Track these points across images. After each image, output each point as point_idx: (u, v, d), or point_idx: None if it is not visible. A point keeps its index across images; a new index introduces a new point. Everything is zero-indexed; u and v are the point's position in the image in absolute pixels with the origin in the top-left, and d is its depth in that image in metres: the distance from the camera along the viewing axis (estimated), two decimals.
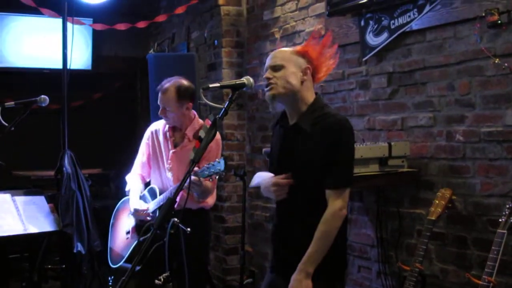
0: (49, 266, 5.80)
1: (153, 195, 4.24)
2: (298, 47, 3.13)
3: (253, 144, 6.17)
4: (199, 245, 4.09)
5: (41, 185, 6.03)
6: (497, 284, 3.21)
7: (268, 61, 3.10)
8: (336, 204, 2.93)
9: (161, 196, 4.14)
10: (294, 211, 3.08)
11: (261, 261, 5.95)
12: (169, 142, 4.28)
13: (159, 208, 4.09)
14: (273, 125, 3.37)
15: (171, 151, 4.24)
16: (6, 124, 4.23)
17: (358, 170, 3.87)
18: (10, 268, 6.00)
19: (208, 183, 4.02)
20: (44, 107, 4.51)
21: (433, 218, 3.65)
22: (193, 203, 4.17)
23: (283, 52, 3.10)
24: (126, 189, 4.41)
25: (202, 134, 2.82)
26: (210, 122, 2.84)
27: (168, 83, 4.20)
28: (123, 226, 4.41)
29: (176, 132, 4.31)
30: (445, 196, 3.72)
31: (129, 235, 4.33)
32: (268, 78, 3.04)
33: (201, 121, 4.36)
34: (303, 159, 3.02)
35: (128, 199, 4.38)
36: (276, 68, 3.03)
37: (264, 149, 4.63)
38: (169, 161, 4.23)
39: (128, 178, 4.46)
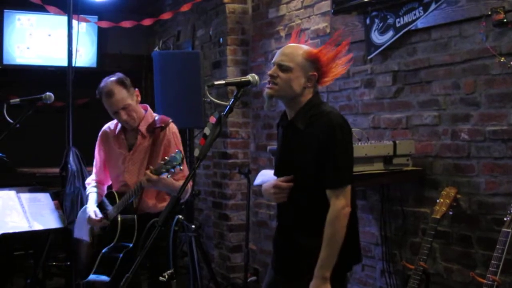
0: (54, 263, 5.81)
1: (112, 200, 4.11)
2: (311, 50, 3.10)
3: (258, 142, 6.16)
4: (162, 252, 3.81)
5: (46, 182, 6.02)
6: (502, 283, 3.21)
7: (277, 57, 3.08)
8: (338, 204, 2.92)
9: (120, 201, 4.01)
10: (294, 211, 3.08)
11: (265, 259, 5.95)
12: (123, 145, 4.14)
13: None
14: (277, 126, 3.37)
15: (126, 154, 4.10)
16: (11, 121, 4.23)
17: (363, 168, 3.87)
18: (14, 264, 6.01)
19: (168, 180, 3.81)
20: (49, 105, 4.51)
21: (438, 216, 3.65)
22: (150, 207, 4.03)
23: (294, 52, 3.07)
24: (86, 195, 4.30)
25: (207, 131, 2.82)
26: (215, 120, 2.84)
27: (108, 85, 3.99)
28: (86, 236, 4.27)
29: (127, 132, 4.15)
30: (450, 195, 3.72)
31: (91, 246, 4.20)
32: (272, 77, 3.04)
33: (154, 114, 4.18)
34: (300, 159, 3.02)
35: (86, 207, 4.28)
36: (283, 68, 3.02)
37: (269, 147, 4.63)
38: (126, 164, 4.10)
39: (87, 183, 4.35)
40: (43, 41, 7.74)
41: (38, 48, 7.74)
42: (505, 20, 3.49)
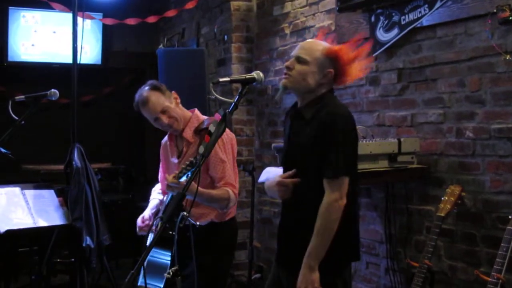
0: (58, 260, 5.80)
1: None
2: (331, 47, 3.08)
3: (262, 139, 6.16)
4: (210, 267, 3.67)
5: (50, 179, 6.05)
6: (506, 281, 3.20)
7: (297, 50, 3.09)
8: (331, 196, 2.89)
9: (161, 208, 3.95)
10: (298, 204, 3.08)
11: (269, 256, 5.95)
12: (174, 152, 3.99)
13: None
14: (285, 114, 3.35)
15: (176, 162, 3.93)
16: (16, 118, 4.24)
17: (367, 166, 3.87)
18: (19, 261, 6.02)
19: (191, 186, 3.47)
20: (54, 101, 4.52)
21: (442, 214, 3.64)
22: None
23: (313, 47, 3.07)
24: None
25: (212, 128, 2.81)
26: (219, 117, 2.83)
27: (142, 93, 3.79)
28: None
29: (177, 138, 3.98)
30: (455, 193, 3.71)
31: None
32: (288, 68, 3.05)
33: (202, 116, 3.96)
34: (302, 148, 3.02)
35: None
36: (300, 60, 3.03)
37: (273, 144, 4.63)
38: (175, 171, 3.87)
39: (153, 190, 4.24)
40: (48, 38, 7.75)
41: (43, 45, 7.75)
42: (510, 18, 3.49)
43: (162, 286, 3.66)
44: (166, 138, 4.12)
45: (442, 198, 3.74)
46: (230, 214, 3.88)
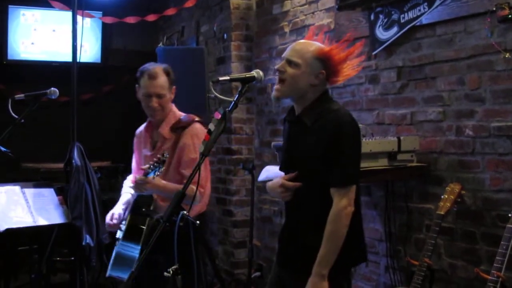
0: (58, 259, 5.80)
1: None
2: (322, 48, 3.06)
3: (262, 138, 6.16)
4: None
5: (50, 177, 6.03)
6: (506, 279, 3.20)
7: (288, 52, 3.08)
8: (341, 203, 2.90)
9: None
10: (300, 207, 3.08)
11: (269, 254, 5.96)
12: (148, 143, 4.02)
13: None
14: (283, 121, 3.36)
15: (148, 153, 3.96)
16: (16, 116, 4.24)
17: (367, 164, 3.87)
18: (19, 260, 6.01)
19: (156, 181, 3.66)
20: (54, 100, 4.52)
21: (442, 213, 3.64)
22: (163, 209, 3.77)
23: (304, 48, 3.05)
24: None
25: (211, 127, 2.81)
26: (219, 115, 2.83)
27: (154, 67, 3.88)
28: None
29: (153, 130, 4.02)
30: (454, 191, 3.71)
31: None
32: (280, 71, 3.04)
33: (179, 113, 4.01)
34: (305, 155, 3.02)
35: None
36: (291, 63, 3.02)
37: (273, 143, 4.63)
38: (145, 164, 3.87)
39: (125, 182, 4.28)
40: (47, 37, 7.73)
41: (43, 44, 7.73)
42: (509, 16, 3.48)
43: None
44: (141, 128, 4.16)
45: (442, 196, 3.74)
46: (198, 212, 3.93)
